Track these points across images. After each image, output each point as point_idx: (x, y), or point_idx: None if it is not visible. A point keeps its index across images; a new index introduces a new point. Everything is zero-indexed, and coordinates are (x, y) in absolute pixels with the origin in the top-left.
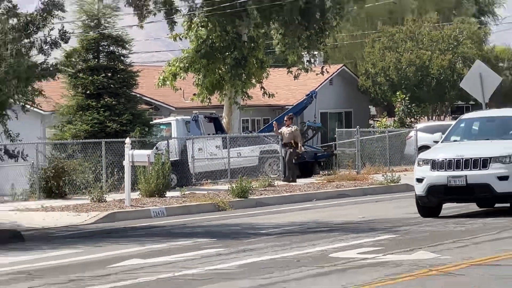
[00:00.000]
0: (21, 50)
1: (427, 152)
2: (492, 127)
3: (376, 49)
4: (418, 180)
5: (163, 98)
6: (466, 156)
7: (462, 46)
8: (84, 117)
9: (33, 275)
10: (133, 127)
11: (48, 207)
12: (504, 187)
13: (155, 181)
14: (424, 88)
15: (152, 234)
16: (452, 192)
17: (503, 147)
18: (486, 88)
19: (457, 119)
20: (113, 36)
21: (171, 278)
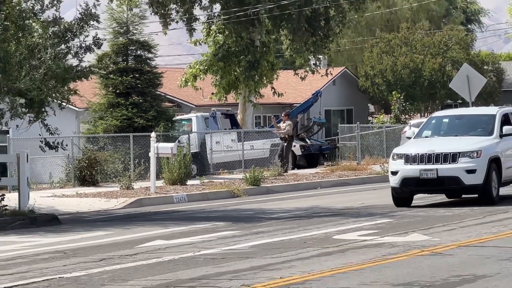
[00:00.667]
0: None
1: (401, 147)
2: (460, 124)
3: (374, 53)
4: (392, 173)
5: (185, 97)
6: (437, 151)
7: (451, 51)
8: (114, 113)
9: (68, 254)
10: (158, 123)
11: (82, 193)
12: (471, 179)
13: (177, 170)
14: (417, 88)
15: (174, 218)
16: (424, 184)
17: (471, 143)
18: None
19: (429, 116)
20: (140, 41)
21: (192, 257)
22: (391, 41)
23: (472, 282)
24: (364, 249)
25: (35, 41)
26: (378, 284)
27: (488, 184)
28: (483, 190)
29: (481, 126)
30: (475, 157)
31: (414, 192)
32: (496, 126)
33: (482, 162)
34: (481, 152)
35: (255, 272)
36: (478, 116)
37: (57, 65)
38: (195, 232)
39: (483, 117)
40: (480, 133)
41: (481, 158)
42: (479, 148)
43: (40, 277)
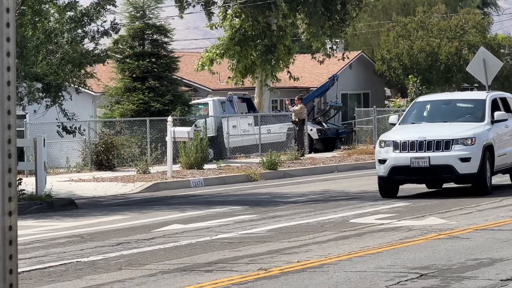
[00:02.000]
0: (76, 39)
1: (387, 134)
2: (448, 109)
3: (390, 37)
4: (380, 161)
5: (201, 81)
6: (429, 137)
7: (467, 35)
8: (130, 97)
9: (86, 238)
10: (174, 107)
11: (98, 178)
12: (466, 168)
13: (194, 154)
14: (433, 72)
15: (191, 202)
16: (415, 173)
17: (464, 129)
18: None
19: (413, 101)
20: (156, 26)
21: (209, 242)
22: (408, 25)
23: (489, 266)
24: (381, 232)
25: (52, 26)
26: (395, 268)
27: (483, 173)
28: (478, 180)
29: (471, 111)
30: (469, 145)
31: (404, 181)
32: (487, 111)
33: (477, 150)
34: (476, 139)
35: (272, 256)
36: (467, 101)
37: (73, 49)
38: (212, 216)
39: (473, 102)
40: (471, 119)
41: (476, 146)
42: (473, 135)
43: (57, 261)
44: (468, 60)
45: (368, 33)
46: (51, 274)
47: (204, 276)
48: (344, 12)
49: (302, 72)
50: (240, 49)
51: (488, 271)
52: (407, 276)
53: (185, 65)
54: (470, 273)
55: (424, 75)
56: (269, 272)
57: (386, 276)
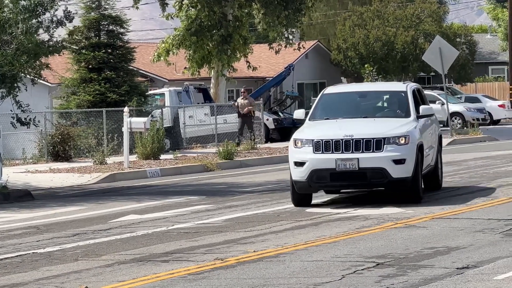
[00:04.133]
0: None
1: (302, 131)
2: (365, 103)
3: (346, 26)
4: (297, 164)
5: (158, 72)
6: (356, 136)
7: (423, 24)
8: (87, 88)
9: (42, 229)
10: (131, 97)
11: (55, 169)
12: (399, 171)
13: (150, 145)
14: (389, 61)
15: (148, 193)
16: (341, 177)
17: (393, 126)
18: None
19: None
20: (112, 16)
21: (166, 232)
22: (364, 14)
23: (445, 254)
24: (337, 222)
25: (6, 16)
26: (351, 257)
27: (417, 177)
28: (411, 185)
29: (391, 105)
30: (402, 144)
31: (326, 187)
32: (411, 105)
33: (411, 150)
34: (409, 138)
35: (228, 245)
36: (386, 93)
37: (28, 40)
38: (168, 207)
39: (392, 94)
40: (393, 114)
41: (410, 145)
42: (407, 133)
43: (13, 253)
44: (424, 49)
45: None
46: (6, 266)
47: (160, 266)
48: (300, 2)
49: (258, 62)
50: (196, 40)
51: (444, 259)
52: (363, 265)
53: (142, 56)
54: (427, 262)
55: (380, 64)
56: (225, 262)
57: (343, 265)
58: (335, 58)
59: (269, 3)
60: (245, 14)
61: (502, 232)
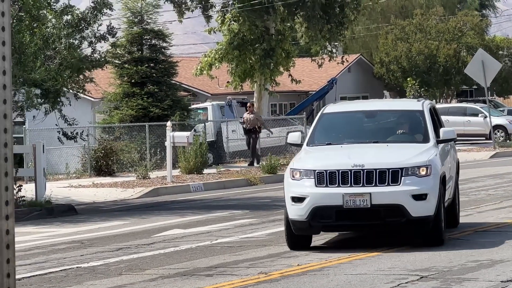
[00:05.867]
0: (74, 44)
1: (301, 159)
2: (374, 124)
3: (389, 40)
4: (295, 199)
5: (200, 86)
6: (368, 165)
7: (465, 37)
8: (129, 103)
9: (86, 244)
10: (173, 112)
11: (98, 183)
12: (420, 209)
13: (193, 159)
14: (432, 74)
15: (191, 207)
16: (350, 216)
17: (412, 153)
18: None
19: (320, 113)
20: (154, 31)
21: (209, 246)
22: (406, 27)
23: (489, 267)
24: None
25: (50, 31)
26: (395, 270)
27: (439, 215)
28: (434, 225)
29: (407, 127)
30: (423, 176)
31: (332, 228)
32: (429, 127)
33: (434, 183)
34: (431, 168)
35: (272, 259)
36: (399, 112)
37: (71, 55)
38: (212, 221)
39: (406, 114)
40: (409, 138)
41: (432, 177)
42: (428, 162)
43: (57, 267)
44: (467, 62)
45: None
46: (51, 280)
47: (204, 280)
48: (342, 15)
49: (301, 75)
50: (238, 54)
51: (488, 272)
52: (407, 278)
53: (184, 70)
54: (471, 275)
55: (422, 78)
56: (269, 276)
57: (387, 278)
58: (378, 71)
59: (311, 16)
60: (287, 28)
61: None
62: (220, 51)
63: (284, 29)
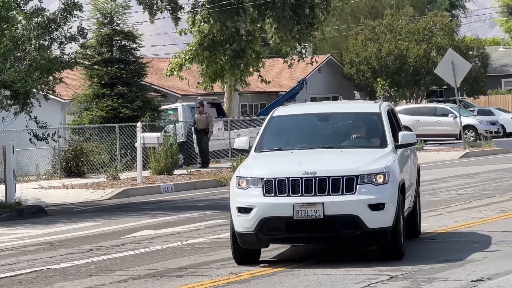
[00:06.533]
0: (44, 45)
1: (247, 167)
2: (327, 128)
3: (359, 40)
4: (241, 210)
5: (170, 87)
6: (321, 173)
7: (435, 37)
8: (99, 104)
9: (56, 245)
10: (144, 113)
11: (68, 185)
12: (378, 220)
13: (164, 160)
14: (402, 74)
15: (161, 208)
16: (301, 228)
17: (368, 159)
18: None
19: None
20: (124, 32)
21: (179, 247)
22: (376, 28)
23: (459, 267)
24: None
25: (19, 33)
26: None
27: (398, 226)
28: (392, 237)
29: (363, 131)
30: (381, 184)
31: (281, 240)
32: (387, 131)
33: (392, 192)
34: (389, 175)
35: None
36: (354, 115)
37: (41, 56)
38: (182, 222)
39: (363, 117)
40: (365, 143)
41: (390, 185)
42: (386, 169)
43: (27, 269)
44: (437, 63)
45: (337, 37)
46: (21, 282)
47: (174, 281)
48: (312, 16)
49: (271, 76)
50: (209, 54)
51: (458, 272)
52: (377, 278)
53: (154, 71)
54: (441, 275)
55: (393, 78)
56: (239, 277)
57: (357, 278)
58: (348, 72)
59: (281, 17)
60: (257, 29)
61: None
62: (190, 52)
63: (254, 30)
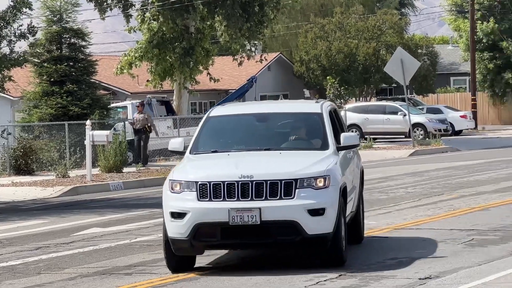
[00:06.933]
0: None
1: (181, 170)
2: (267, 129)
3: (309, 38)
4: (175, 215)
5: (120, 84)
6: (258, 176)
7: (385, 35)
8: (49, 102)
9: (4, 243)
10: (93, 110)
11: (17, 182)
12: (318, 226)
13: (113, 158)
14: (351, 72)
15: (110, 206)
16: (237, 234)
17: (308, 162)
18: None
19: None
20: (74, 29)
21: (128, 245)
22: (325, 26)
23: (408, 265)
24: None
25: None
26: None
27: (339, 232)
28: (333, 243)
29: (303, 132)
30: (321, 188)
31: (216, 247)
32: (329, 132)
33: (333, 196)
34: (330, 179)
35: None
36: (294, 115)
37: None
38: (131, 219)
39: (303, 118)
40: (305, 144)
41: (331, 189)
42: (326, 172)
43: None
44: (386, 61)
45: (286, 35)
46: None
47: (123, 279)
48: (262, 14)
49: (221, 74)
50: (158, 52)
51: (406, 270)
52: (326, 276)
53: (104, 69)
54: (389, 272)
55: (342, 76)
56: (188, 275)
57: (306, 276)
58: (298, 70)
59: (231, 15)
60: (207, 27)
61: (464, 242)
62: (140, 50)
63: (203, 27)
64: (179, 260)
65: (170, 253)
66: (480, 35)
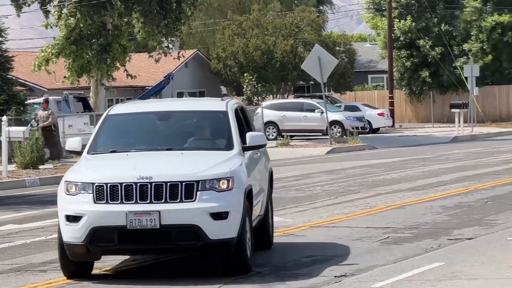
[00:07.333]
0: None
1: (77, 170)
2: (168, 128)
3: (226, 35)
4: (70, 218)
5: (37, 81)
6: (157, 178)
7: (302, 32)
8: None
9: None
10: (9, 107)
11: None
12: (220, 230)
13: (29, 154)
14: (269, 70)
15: (26, 202)
16: (135, 238)
17: (210, 163)
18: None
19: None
20: None
21: (44, 241)
22: (243, 23)
23: (323, 262)
24: None
25: None
26: None
27: (244, 237)
28: (237, 249)
29: (207, 132)
30: (224, 190)
31: (113, 252)
32: (234, 132)
33: (237, 199)
34: (234, 181)
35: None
36: (198, 114)
37: None
38: (47, 216)
39: (207, 116)
40: (209, 144)
41: (234, 192)
42: (230, 173)
43: None
44: (304, 58)
45: (204, 32)
46: None
47: (38, 276)
48: (179, 11)
49: (138, 71)
50: (75, 49)
51: (322, 267)
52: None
53: (21, 65)
54: (305, 270)
55: (259, 73)
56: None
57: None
58: (215, 67)
59: (148, 12)
60: (124, 23)
61: (380, 240)
62: (57, 46)
63: (121, 24)
64: (75, 266)
65: (65, 258)
66: (397, 33)
